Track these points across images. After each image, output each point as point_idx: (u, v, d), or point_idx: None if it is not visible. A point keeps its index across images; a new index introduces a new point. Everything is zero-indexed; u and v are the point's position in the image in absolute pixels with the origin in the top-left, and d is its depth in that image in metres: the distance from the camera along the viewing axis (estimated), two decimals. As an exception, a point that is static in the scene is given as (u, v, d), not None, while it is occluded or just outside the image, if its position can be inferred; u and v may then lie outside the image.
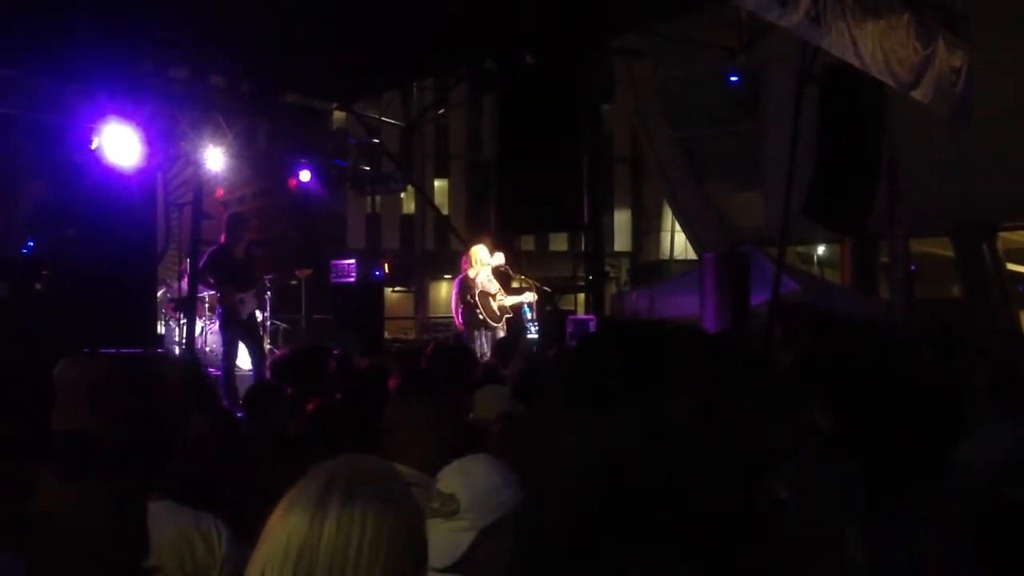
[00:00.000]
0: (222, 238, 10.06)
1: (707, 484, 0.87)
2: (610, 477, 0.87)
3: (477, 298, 10.70)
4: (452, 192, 34.47)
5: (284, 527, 1.36)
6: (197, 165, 11.51)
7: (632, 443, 0.87)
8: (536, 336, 11.74)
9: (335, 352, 7.06)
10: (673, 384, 0.91)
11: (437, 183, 34.45)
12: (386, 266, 13.85)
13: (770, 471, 0.94)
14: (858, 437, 3.31)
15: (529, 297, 11.49)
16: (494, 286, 11.03)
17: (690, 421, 0.89)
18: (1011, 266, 23.90)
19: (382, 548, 1.34)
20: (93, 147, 9.30)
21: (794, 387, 4.64)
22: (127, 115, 9.50)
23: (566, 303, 14.95)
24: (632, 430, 0.87)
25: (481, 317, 10.70)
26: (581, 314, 13.55)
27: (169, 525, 2.89)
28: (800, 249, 24.64)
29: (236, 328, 9.89)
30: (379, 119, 15.74)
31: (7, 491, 2.81)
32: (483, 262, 11.02)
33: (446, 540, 2.23)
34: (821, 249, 25.76)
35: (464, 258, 11.23)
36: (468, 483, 2.34)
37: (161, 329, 11.59)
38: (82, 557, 2.17)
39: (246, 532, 2.79)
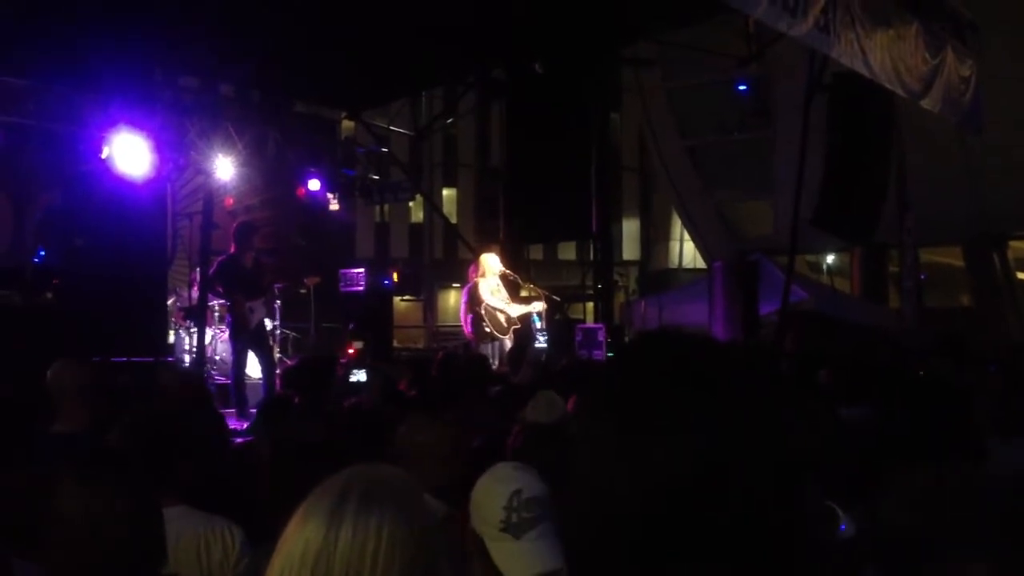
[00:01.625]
0: (231, 247, 10.09)
1: (774, 501, 0.89)
2: (676, 496, 0.88)
3: (483, 310, 10.70)
4: (460, 201, 34.49)
5: (300, 535, 1.38)
6: (206, 174, 11.55)
7: (703, 463, 0.88)
8: (544, 345, 11.72)
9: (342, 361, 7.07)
10: (736, 401, 0.92)
11: (446, 192, 34.50)
12: (395, 275, 13.87)
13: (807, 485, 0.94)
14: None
15: (537, 307, 11.48)
16: (502, 295, 11.02)
17: (756, 439, 0.90)
18: (1021, 275, 23.82)
19: (396, 556, 1.36)
20: (103, 156, 9.34)
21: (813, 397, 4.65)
22: (137, 124, 9.55)
23: (575, 312, 14.97)
24: (703, 448, 0.88)
25: (488, 330, 10.71)
26: (590, 323, 13.54)
27: (184, 529, 2.91)
28: (810, 258, 24.59)
29: (246, 337, 9.90)
30: (388, 128, 15.77)
31: (21, 496, 2.83)
32: (492, 270, 11.01)
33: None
34: (831, 258, 25.70)
35: (472, 267, 11.23)
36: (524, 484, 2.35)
37: (171, 338, 11.62)
38: (101, 562, 2.18)
39: (260, 536, 2.81)
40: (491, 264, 11.04)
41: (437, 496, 2.96)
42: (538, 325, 11.79)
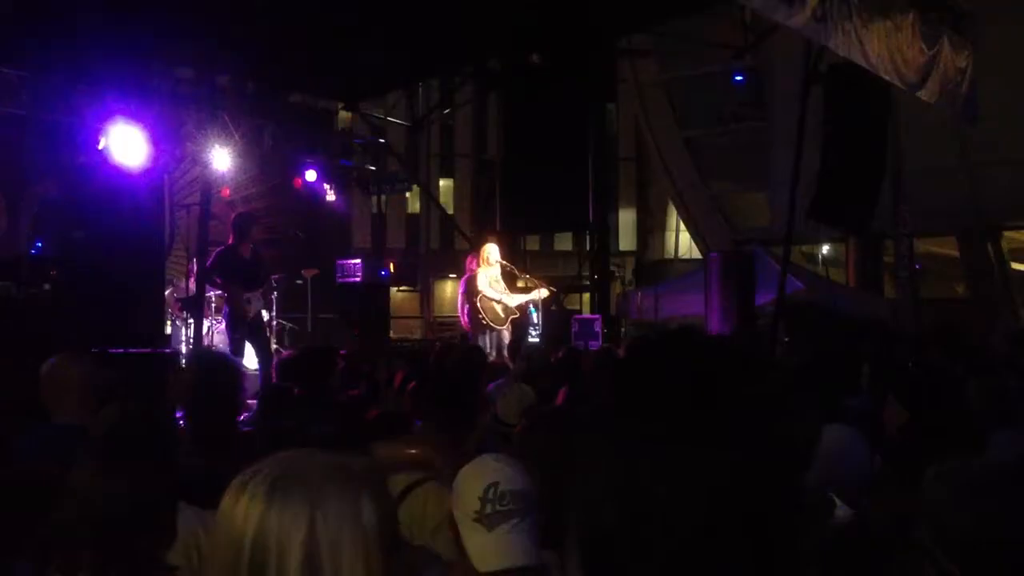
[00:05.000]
0: (229, 238, 10.09)
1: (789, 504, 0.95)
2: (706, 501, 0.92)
3: (480, 301, 10.70)
4: (457, 191, 34.44)
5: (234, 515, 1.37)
6: (203, 165, 11.54)
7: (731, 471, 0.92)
8: (536, 339, 11.70)
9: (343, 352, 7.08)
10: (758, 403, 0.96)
11: (442, 183, 34.45)
12: (391, 265, 13.87)
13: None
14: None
15: (536, 295, 11.47)
16: (501, 286, 11.02)
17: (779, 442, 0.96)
18: (1016, 265, 23.88)
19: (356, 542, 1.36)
20: (100, 147, 9.33)
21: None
22: (134, 115, 9.54)
23: (571, 302, 14.97)
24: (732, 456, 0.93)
25: (484, 321, 10.70)
26: (586, 313, 13.56)
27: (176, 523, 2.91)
28: (805, 248, 24.63)
29: (243, 328, 9.90)
30: (385, 119, 15.77)
31: (16, 490, 2.84)
32: (492, 261, 11.00)
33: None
34: (826, 248, 25.75)
35: (471, 258, 11.21)
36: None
37: (168, 329, 11.61)
38: (106, 542, 2.21)
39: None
40: (492, 254, 11.03)
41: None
42: (534, 318, 11.79)
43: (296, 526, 1.34)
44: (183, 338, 11.46)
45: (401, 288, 31.35)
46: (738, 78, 25.13)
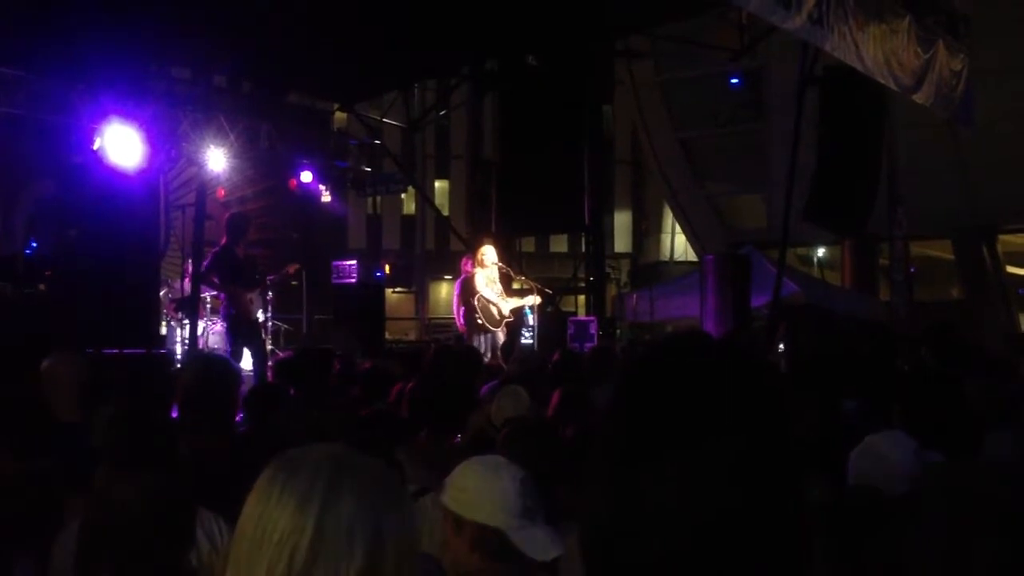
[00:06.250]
0: (223, 238, 10.06)
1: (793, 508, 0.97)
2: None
3: (477, 302, 10.68)
4: (453, 193, 34.47)
5: (263, 514, 1.33)
6: (199, 165, 11.53)
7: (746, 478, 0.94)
8: (530, 341, 11.68)
9: (338, 353, 7.08)
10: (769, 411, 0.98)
11: (438, 184, 34.48)
12: (387, 267, 13.85)
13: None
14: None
15: (531, 300, 11.46)
16: (497, 288, 11.01)
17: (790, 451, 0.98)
18: (1011, 268, 23.93)
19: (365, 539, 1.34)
20: (95, 147, 9.31)
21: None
22: (129, 115, 9.51)
23: (566, 304, 14.97)
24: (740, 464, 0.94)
25: (480, 322, 10.68)
26: (582, 315, 13.56)
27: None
28: (800, 251, 24.67)
29: (244, 329, 9.86)
30: (380, 120, 15.76)
31: (18, 490, 2.84)
32: (488, 263, 10.98)
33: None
34: (821, 251, 25.78)
35: (466, 259, 11.19)
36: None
37: (162, 330, 11.58)
38: (129, 546, 2.22)
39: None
40: (489, 256, 11.02)
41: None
42: (529, 320, 11.77)
43: (365, 526, 1.31)
44: (178, 339, 11.43)
45: (396, 289, 31.39)
46: (734, 80, 25.23)
